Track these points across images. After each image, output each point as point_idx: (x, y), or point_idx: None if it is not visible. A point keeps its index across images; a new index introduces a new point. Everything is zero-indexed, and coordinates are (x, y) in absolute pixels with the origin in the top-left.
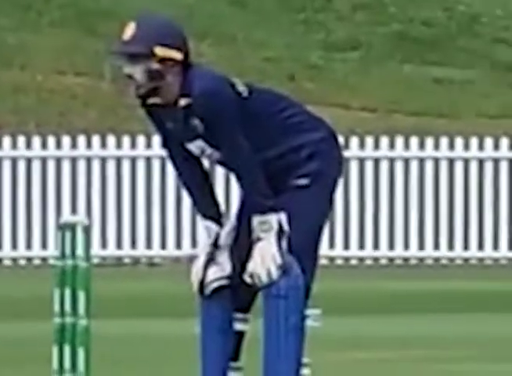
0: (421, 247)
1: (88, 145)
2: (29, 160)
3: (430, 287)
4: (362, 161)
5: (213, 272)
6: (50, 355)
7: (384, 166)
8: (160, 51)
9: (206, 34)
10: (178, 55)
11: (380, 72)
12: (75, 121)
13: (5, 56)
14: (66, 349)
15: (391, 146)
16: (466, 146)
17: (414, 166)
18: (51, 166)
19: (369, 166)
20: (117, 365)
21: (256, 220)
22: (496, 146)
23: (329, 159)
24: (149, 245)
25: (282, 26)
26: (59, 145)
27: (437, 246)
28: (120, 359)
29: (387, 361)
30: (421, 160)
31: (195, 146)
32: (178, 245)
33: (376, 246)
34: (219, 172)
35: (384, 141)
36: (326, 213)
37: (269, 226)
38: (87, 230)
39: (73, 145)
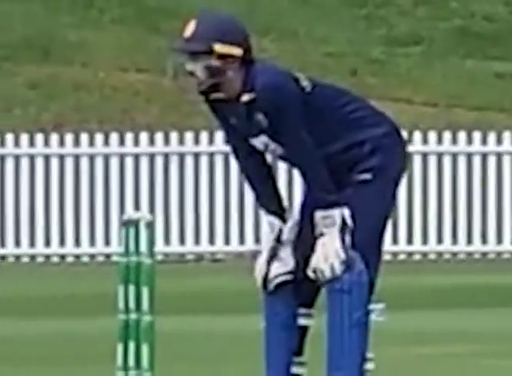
0: (484, 241)
1: (151, 141)
2: (92, 158)
3: (493, 281)
4: (424, 156)
5: (276, 268)
6: (114, 352)
7: (447, 161)
8: (219, 48)
9: (268, 29)
10: (238, 51)
11: (442, 67)
12: (138, 118)
13: (67, 54)
14: (131, 346)
15: (454, 141)
16: None
17: (477, 161)
18: (114, 163)
19: (432, 161)
20: (181, 361)
21: (319, 215)
22: None
23: (392, 154)
24: (212, 241)
25: (343, 21)
26: (122, 142)
27: (499, 241)
28: (184, 356)
29: (452, 356)
30: (484, 155)
31: (259, 142)
32: (242, 241)
33: (439, 240)
34: (282, 167)
35: (447, 136)
36: (389, 208)
37: (332, 221)
38: (150, 226)
39: (136, 142)
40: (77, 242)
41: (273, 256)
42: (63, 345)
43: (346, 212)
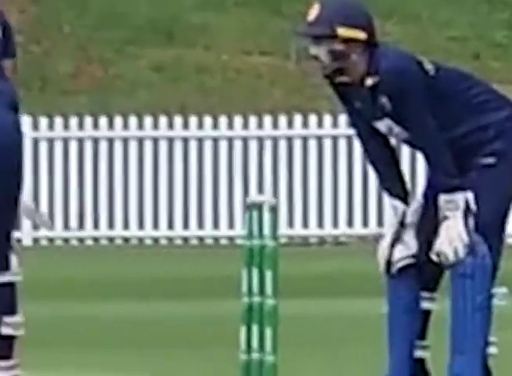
0: None
1: (275, 125)
2: (215, 141)
3: None
4: None
5: (399, 251)
6: (237, 334)
7: None
8: (343, 31)
9: (391, 13)
10: (361, 35)
11: None
12: (261, 101)
13: (190, 37)
14: (254, 329)
15: None
16: None
17: None
18: (237, 146)
19: None
20: (303, 345)
21: (442, 199)
22: None
23: None
24: (335, 224)
25: (466, 5)
26: (245, 125)
27: None
28: (306, 339)
29: None
30: None
31: (383, 125)
32: (365, 224)
33: None
34: (405, 151)
35: None
36: None
37: (456, 205)
38: (274, 210)
39: (260, 125)
40: (201, 225)
41: (396, 239)
42: (187, 327)
43: (469, 196)
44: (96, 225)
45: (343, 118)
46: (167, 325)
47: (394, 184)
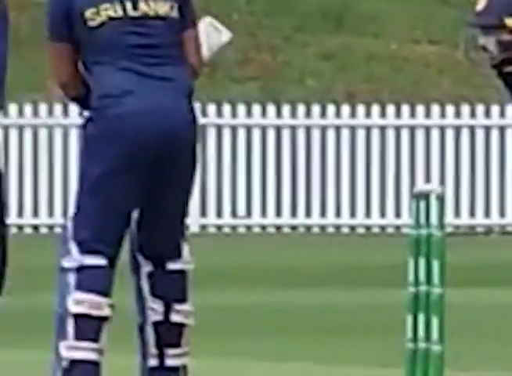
0: None
1: (442, 114)
2: (382, 129)
3: None
4: None
5: None
6: (404, 323)
7: None
8: (511, 22)
9: None
10: None
11: None
12: (429, 90)
13: (359, 25)
14: (420, 318)
15: None
16: None
17: None
18: (404, 135)
19: None
20: (470, 334)
21: None
22: None
23: None
24: (502, 214)
25: None
26: (412, 114)
27: None
28: (473, 329)
29: None
30: None
31: None
32: None
33: None
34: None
35: None
36: None
37: None
38: (441, 199)
39: (427, 114)
40: (368, 214)
41: None
42: (353, 316)
43: None
44: (264, 214)
45: (510, 109)
46: (331, 313)
47: None
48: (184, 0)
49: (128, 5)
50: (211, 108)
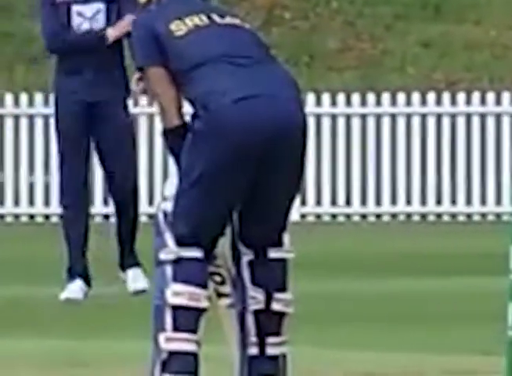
0: None
1: None
2: (482, 117)
3: None
4: None
5: None
6: (505, 311)
7: None
8: None
9: None
10: None
11: None
12: None
13: (458, 12)
14: None
15: None
16: None
17: None
18: (506, 121)
19: None
20: None
21: None
22: None
23: None
24: None
25: None
26: None
27: None
28: None
29: None
30: None
31: None
32: None
33: None
34: None
35: None
36: None
37: None
38: None
39: None
40: (468, 201)
41: None
42: (455, 304)
43: None
44: (364, 202)
45: None
46: (435, 301)
47: None
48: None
49: (214, 15)
50: (310, 97)
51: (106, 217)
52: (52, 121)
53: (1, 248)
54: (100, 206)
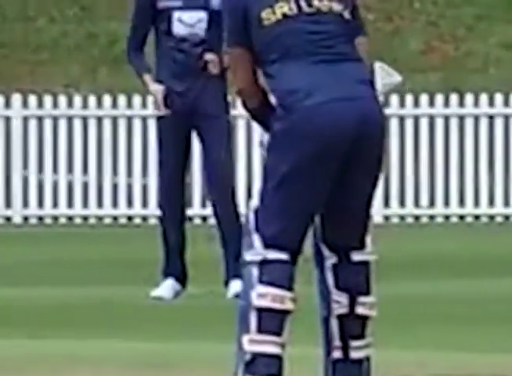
0: None
1: None
2: None
3: None
4: None
5: None
6: None
7: None
8: None
9: None
10: None
11: None
12: None
13: None
14: None
15: None
16: None
17: None
18: None
19: None
20: None
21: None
22: None
23: None
24: None
25: None
26: None
27: None
28: None
29: None
30: None
31: None
32: None
33: None
34: None
35: None
36: None
37: None
38: None
39: None
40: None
41: None
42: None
43: None
44: (447, 203)
45: None
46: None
47: None
48: (354, 5)
49: (302, 3)
50: (394, 99)
51: (204, 219)
52: (148, 123)
53: (100, 250)
54: (198, 208)
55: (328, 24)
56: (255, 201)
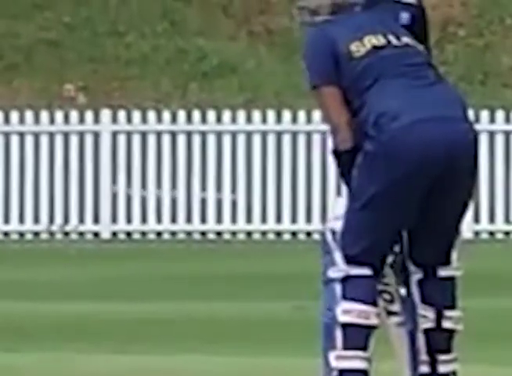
0: None
1: None
2: None
3: None
4: None
5: None
6: None
7: None
8: None
9: None
10: None
11: None
12: None
13: None
14: None
15: None
16: None
17: None
18: None
19: None
20: None
21: None
22: None
23: None
24: None
25: None
26: None
27: None
28: None
29: None
30: None
31: None
32: None
33: None
34: None
35: None
36: None
37: None
38: None
39: None
40: None
41: None
42: None
43: None
44: (507, 220)
45: None
46: None
47: None
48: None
49: (390, 36)
50: (484, 114)
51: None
52: (237, 139)
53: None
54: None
55: (412, 53)
56: (331, 220)
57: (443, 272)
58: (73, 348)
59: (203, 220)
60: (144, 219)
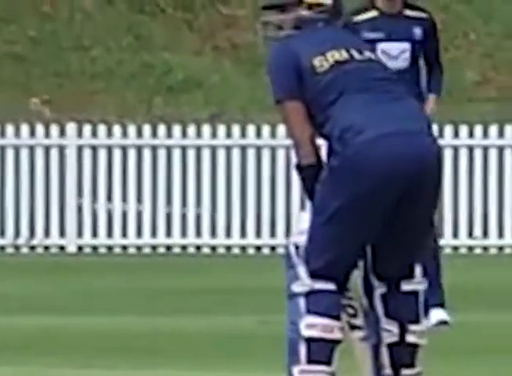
0: None
1: None
2: None
3: None
4: None
5: None
6: None
7: None
8: None
9: None
10: None
11: None
12: None
13: None
14: None
15: None
16: None
17: None
18: None
19: None
20: None
21: None
22: None
23: None
24: None
25: None
26: None
27: None
28: None
29: None
30: None
31: None
32: None
33: None
34: None
35: None
36: None
37: None
38: None
39: None
40: None
41: None
42: None
43: None
44: (501, 235)
45: None
46: None
47: None
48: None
49: (353, 51)
50: (448, 129)
51: None
52: (203, 154)
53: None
54: None
55: (377, 68)
56: (295, 235)
57: (406, 287)
58: (44, 362)
59: (169, 234)
60: (110, 233)
